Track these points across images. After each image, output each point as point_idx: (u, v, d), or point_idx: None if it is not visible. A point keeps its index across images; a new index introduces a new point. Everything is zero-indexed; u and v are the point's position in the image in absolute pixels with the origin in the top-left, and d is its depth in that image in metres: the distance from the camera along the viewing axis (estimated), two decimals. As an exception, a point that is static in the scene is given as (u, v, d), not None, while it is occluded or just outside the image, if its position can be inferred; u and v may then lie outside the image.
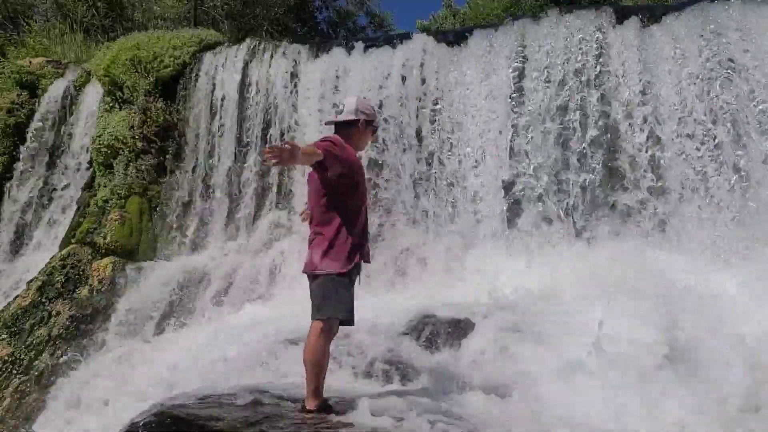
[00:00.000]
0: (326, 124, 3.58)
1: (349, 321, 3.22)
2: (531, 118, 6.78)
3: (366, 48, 8.04)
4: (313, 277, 3.17)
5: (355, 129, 3.39)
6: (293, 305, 6.55)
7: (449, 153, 7.16)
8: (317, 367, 3.11)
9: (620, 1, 11.35)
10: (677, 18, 6.68)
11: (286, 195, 7.96)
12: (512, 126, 6.86)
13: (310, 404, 3.14)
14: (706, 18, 6.47)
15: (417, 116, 7.38)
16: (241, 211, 8.08)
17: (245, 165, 8.20)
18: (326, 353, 3.16)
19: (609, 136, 6.47)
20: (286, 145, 2.79)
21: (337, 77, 7.94)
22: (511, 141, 6.82)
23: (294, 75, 8.30)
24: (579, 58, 6.74)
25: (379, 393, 3.79)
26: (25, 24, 13.91)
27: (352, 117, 3.37)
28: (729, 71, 6.16)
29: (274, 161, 2.76)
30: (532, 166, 6.65)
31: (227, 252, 7.80)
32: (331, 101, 7.80)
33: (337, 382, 4.01)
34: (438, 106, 7.36)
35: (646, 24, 6.79)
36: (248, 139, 8.27)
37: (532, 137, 6.72)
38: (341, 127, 3.39)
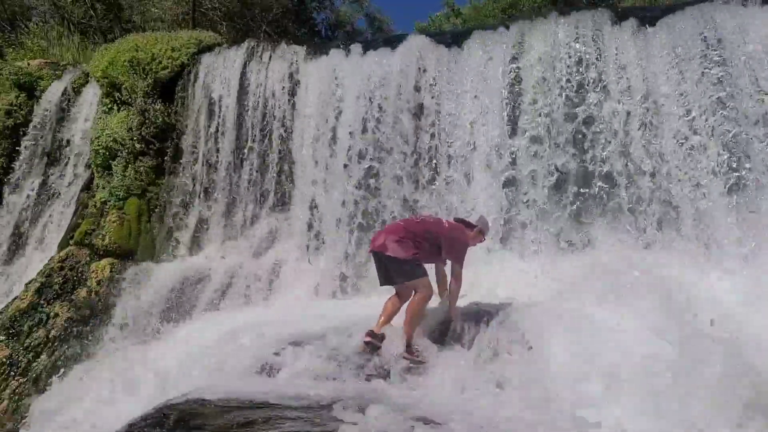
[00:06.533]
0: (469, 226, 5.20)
1: None
2: (528, 120, 6.79)
3: (364, 49, 8.04)
4: (407, 259, 4.64)
5: (476, 232, 5.16)
6: (291, 307, 6.57)
7: (447, 154, 7.16)
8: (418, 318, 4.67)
9: (619, 3, 11.37)
10: (676, 19, 6.68)
11: (284, 197, 7.95)
12: (509, 127, 6.87)
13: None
14: (705, 19, 6.48)
15: (414, 117, 7.38)
16: (239, 213, 8.07)
17: (243, 166, 8.20)
18: None
19: (606, 137, 6.48)
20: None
21: (336, 78, 7.95)
22: (508, 142, 6.83)
23: (292, 76, 8.30)
24: (577, 60, 6.75)
25: (378, 390, 3.79)
26: (23, 26, 13.91)
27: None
28: (728, 72, 6.17)
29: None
30: (529, 168, 6.65)
31: (226, 254, 7.80)
32: (330, 102, 7.82)
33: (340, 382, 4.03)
34: (436, 108, 7.35)
35: (644, 25, 6.79)
36: (246, 141, 8.26)
37: (529, 138, 6.72)
38: (468, 223, 5.24)
